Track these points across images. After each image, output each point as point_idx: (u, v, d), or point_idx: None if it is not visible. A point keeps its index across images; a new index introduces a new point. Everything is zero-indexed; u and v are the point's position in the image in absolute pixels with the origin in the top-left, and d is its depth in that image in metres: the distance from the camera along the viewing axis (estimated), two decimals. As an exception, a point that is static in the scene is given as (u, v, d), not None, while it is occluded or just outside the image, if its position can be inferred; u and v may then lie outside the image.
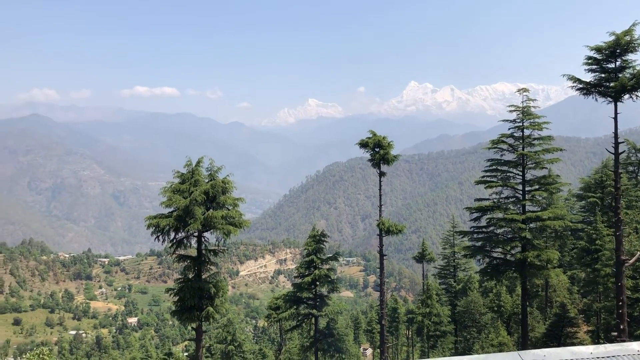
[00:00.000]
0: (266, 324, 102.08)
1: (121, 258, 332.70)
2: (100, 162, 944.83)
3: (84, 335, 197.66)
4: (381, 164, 35.92)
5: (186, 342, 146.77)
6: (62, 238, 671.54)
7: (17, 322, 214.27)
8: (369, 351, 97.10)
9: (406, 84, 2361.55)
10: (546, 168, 37.73)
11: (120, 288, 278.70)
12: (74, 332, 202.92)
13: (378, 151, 35.60)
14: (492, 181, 37.57)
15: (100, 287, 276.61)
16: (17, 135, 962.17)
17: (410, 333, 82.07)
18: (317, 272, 38.42)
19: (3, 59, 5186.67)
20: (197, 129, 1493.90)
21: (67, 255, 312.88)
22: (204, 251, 30.51)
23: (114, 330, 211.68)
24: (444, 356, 48.88)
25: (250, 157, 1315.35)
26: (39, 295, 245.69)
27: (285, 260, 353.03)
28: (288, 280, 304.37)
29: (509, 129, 37.61)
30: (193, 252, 31.12)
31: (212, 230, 29.55)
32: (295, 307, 40.35)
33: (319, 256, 39.16)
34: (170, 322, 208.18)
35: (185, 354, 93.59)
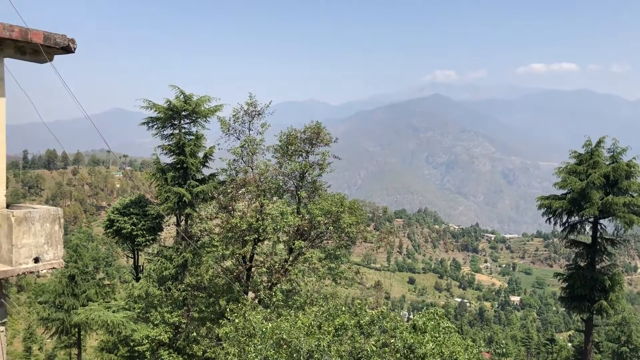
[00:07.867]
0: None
1: (507, 236, 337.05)
2: (492, 140, 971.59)
3: (467, 304, 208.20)
4: None
5: (570, 332, 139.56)
6: (453, 210, 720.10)
7: (411, 281, 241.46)
8: None
9: None
10: None
11: (504, 265, 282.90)
12: (459, 300, 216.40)
13: None
14: None
15: (485, 262, 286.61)
16: (419, 113, 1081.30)
17: None
18: None
19: (414, 45, 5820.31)
20: (598, 107, 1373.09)
21: (457, 227, 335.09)
22: (599, 239, 28.62)
23: (496, 305, 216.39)
24: None
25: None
26: (430, 260, 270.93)
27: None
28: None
29: None
30: (586, 239, 29.68)
31: (610, 218, 27.47)
32: None
33: None
34: (554, 308, 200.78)
35: (570, 344, 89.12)
